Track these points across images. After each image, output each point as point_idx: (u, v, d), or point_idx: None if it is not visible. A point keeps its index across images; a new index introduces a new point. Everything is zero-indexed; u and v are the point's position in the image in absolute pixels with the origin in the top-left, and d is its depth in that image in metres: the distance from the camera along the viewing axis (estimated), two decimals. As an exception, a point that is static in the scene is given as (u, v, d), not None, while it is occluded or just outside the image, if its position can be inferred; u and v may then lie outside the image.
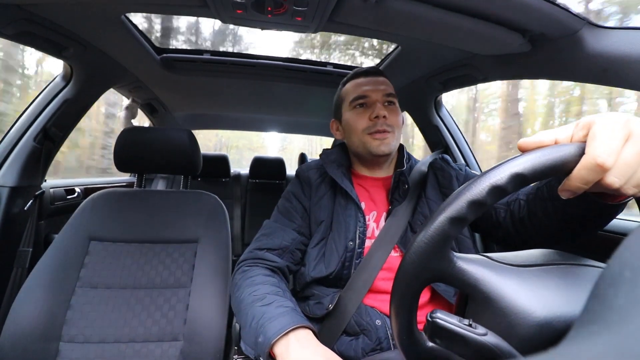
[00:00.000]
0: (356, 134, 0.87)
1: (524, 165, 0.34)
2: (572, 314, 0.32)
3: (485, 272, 0.36)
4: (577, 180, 0.34)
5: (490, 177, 0.34)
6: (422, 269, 0.36)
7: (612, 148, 0.33)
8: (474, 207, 0.34)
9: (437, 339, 0.35)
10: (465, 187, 0.35)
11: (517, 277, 0.36)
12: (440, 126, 1.56)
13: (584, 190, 0.35)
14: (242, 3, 0.79)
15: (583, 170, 0.33)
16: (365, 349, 0.73)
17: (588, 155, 0.33)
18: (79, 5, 0.88)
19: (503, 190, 0.34)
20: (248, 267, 0.82)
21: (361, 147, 0.88)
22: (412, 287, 0.38)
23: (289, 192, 0.94)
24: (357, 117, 0.87)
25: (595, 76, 0.80)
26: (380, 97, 0.87)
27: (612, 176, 0.33)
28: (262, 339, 0.62)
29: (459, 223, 0.35)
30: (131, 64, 1.33)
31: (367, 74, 0.91)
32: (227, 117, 2.32)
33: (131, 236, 1.02)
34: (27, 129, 1.18)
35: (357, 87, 0.89)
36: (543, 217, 0.65)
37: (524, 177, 0.33)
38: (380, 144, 0.84)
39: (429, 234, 0.36)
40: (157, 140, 1.10)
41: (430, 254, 0.36)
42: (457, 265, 0.37)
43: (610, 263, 0.20)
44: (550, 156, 0.34)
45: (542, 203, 0.65)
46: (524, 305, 0.33)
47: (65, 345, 0.86)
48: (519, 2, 0.72)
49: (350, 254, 0.80)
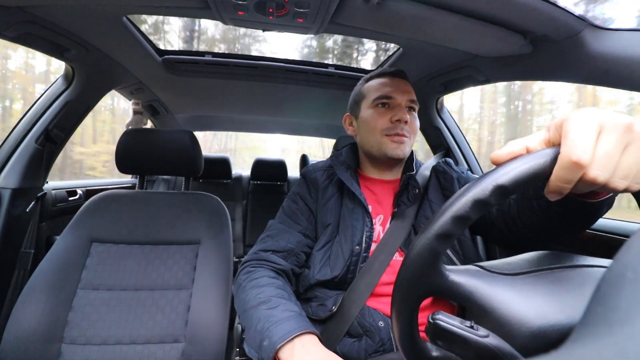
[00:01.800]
0: (373, 134, 0.86)
1: (505, 177, 0.33)
2: (565, 321, 0.32)
3: (478, 283, 0.36)
4: (558, 181, 0.33)
5: (472, 192, 0.34)
6: (415, 284, 0.37)
7: (586, 143, 0.32)
8: (459, 222, 0.34)
9: (438, 340, 0.35)
10: (449, 203, 0.35)
11: (510, 286, 0.36)
12: (442, 128, 1.56)
13: (568, 189, 0.34)
14: (244, 5, 0.79)
15: (561, 170, 0.33)
16: (368, 350, 0.73)
17: (562, 155, 0.33)
18: (81, 7, 0.88)
19: (486, 204, 0.34)
20: (253, 268, 0.81)
21: (376, 147, 0.86)
22: (408, 303, 0.38)
23: (294, 193, 0.93)
24: (378, 116, 0.85)
25: (597, 78, 0.80)
26: (405, 101, 0.85)
27: (594, 170, 0.32)
28: (267, 342, 0.61)
29: (445, 239, 0.35)
30: (133, 65, 1.33)
31: (394, 75, 0.89)
32: (228, 118, 2.32)
33: (133, 238, 1.02)
34: (29, 131, 1.19)
35: (383, 86, 0.87)
36: (531, 215, 0.65)
37: (505, 189, 0.33)
38: (397, 147, 0.84)
39: (417, 251, 0.36)
40: (159, 141, 1.10)
41: (421, 270, 0.36)
42: (449, 278, 0.37)
43: (612, 265, 0.20)
44: (527, 164, 0.34)
45: (528, 202, 0.65)
46: (518, 315, 0.33)
47: (66, 347, 0.86)
48: (520, 4, 0.72)
49: (356, 258, 0.80)
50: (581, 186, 0.34)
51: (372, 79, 0.91)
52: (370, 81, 0.91)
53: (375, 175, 0.92)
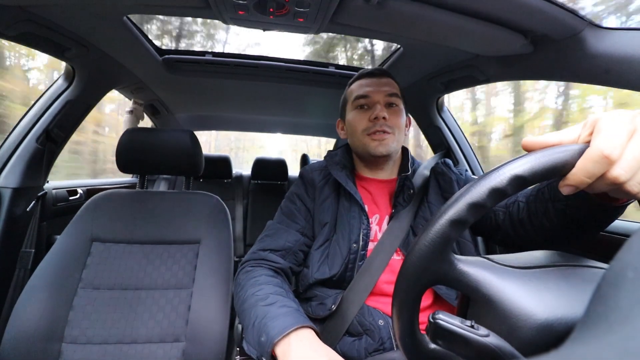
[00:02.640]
0: (356, 135, 0.88)
1: (523, 168, 0.33)
2: (573, 316, 0.32)
3: (486, 274, 0.36)
4: (580, 173, 0.34)
5: (490, 180, 0.34)
6: (423, 271, 0.36)
7: (618, 141, 0.33)
8: (474, 210, 0.34)
9: (439, 340, 0.35)
10: (465, 190, 0.35)
11: (518, 279, 0.36)
12: (442, 127, 1.56)
13: (586, 184, 0.34)
14: (244, 4, 0.79)
15: (588, 162, 0.33)
16: (368, 349, 0.73)
17: (593, 147, 0.33)
18: (81, 7, 0.88)
19: (503, 193, 0.34)
20: (251, 267, 0.82)
21: (361, 147, 0.88)
22: (413, 290, 0.38)
23: (292, 193, 0.94)
24: (358, 117, 0.88)
25: (598, 77, 0.80)
26: (382, 97, 0.87)
27: (619, 169, 0.32)
28: (264, 338, 0.62)
29: (460, 225, 0.35)
30: (133, 65, 1.33)
31: (371, 74, 0.91)
32: (229, 118, 2.32)
33: (133, 237, 1.02)
34: (30, 130, 1.19)
35: (360, 87, 0.90)
36: (543, 218, 0.65)
37: (523, 179, 0.33)
38: (379, 144, 0.84)
39: (430, 236, 0.36)
40: (159, 141, 1.10)
41: (431, 257, 0.36)
42: (457, 267, 0.37)
43: (612, 264, 0.20)
44: (550, 157, 0.34)
45: (542, 204, 0.65)
46: (525, 308, 0.33)
47: (67, 346, 0.86)
48: (521, 3, 0.72)
49: (353, 256, 0.80)
50: (598, 184, 0.34)
51: (353, 82, 0.94)
52: (352, 84, 0.94)
53: (369, 175, 0.93)
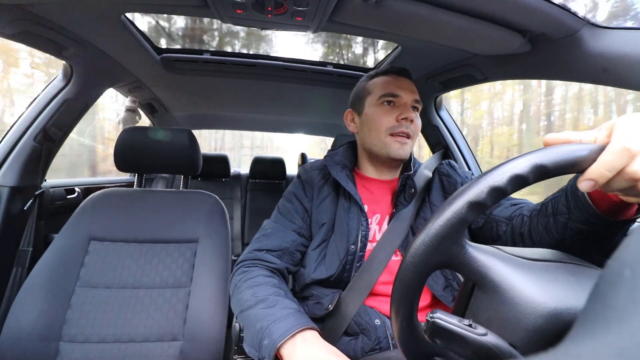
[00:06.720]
0: (377, 132, 0.85)
1: (547, 157, 0.34)
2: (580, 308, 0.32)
3: (496, 261, 0.36)
4: (602, 166, 0.34)
5: (512, 166, 0.35)
6: (433, 251, 0.36)
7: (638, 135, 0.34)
8: (494, 194, 0.34)
9: (437, 339, 0.35)
10: (486, 173, 0.35)
11: (529, 270, 0.36)
12: (440, 126, 1.56)
13: (606, 178, 0.35)
14: (242, 3, 0.79)
15: (609, 155, 0.34)
16: (365, 348, 0.73)
17: (614, 141, 0.34)
18: (79, 5, 0.88)
19: (524, 180, 0.34)
20: (247, 267, 0.81)
21: (379, 146, 0.85)
22: (420, 272, 0.37)
23: (290, 193, 0.93)
24: (383, 114, 0.84)
25: (595, 76, 0.80)
26: (411, 100, 0.85)
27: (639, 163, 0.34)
28: (267, 341, 0.61)
29: (478, 208, 0.35)
30: (131, 63, 1.33)
31: (400, 73, 0.89)
32: (227, 117, 2.32)
33: (131, 236, 1.02)
34: (27, 129, 1.18)
35: (389, 84, 0.86)
36: (544, 232, 0.64)
37: (545, 169, 0.34)
38: (400, 147, 0.83)
39: (446, 216, 0.35)
40: (157, 140, 1.10)
41: (444, 237, 0.35)
42: (468, 252, 0.37)
43: (609, 263, 0.20)
44: (573, 151, 0.35)
45: (544, 219, 0.64)
46: (535, 295, 0.33)
47: (65, 345, 0.86)
48: (519, 3, 0.72)
49: (351, 257, 0.80)
50: (617, 181, 0.35)
51: (377, 76, 0.90)
52: (375, 78, 0.90)
53: (373, 175, 0.91)
